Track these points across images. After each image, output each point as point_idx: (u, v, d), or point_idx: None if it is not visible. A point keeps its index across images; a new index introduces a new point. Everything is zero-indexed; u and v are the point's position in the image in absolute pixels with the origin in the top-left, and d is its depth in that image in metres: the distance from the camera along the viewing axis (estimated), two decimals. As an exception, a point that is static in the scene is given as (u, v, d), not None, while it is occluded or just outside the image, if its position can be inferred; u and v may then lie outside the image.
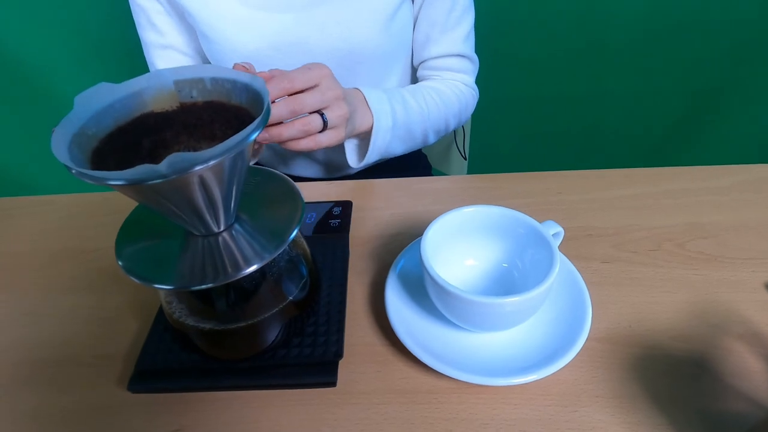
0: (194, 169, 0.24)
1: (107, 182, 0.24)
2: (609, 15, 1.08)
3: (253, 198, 0.34)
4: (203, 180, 0.26)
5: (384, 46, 0.65)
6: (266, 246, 0.31)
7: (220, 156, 0.24)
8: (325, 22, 0.62)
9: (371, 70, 0.67)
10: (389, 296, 0.41)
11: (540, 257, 0.38)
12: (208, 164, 0.24)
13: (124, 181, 0.24)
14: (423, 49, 0.69)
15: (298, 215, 0.33)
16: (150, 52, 0.68)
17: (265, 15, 0.61)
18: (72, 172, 0.24)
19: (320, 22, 0.62)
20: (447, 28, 0.67)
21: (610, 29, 1.10)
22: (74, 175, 0.25)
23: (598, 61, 1.16)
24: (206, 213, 0.29)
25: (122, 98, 0.29)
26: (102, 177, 0.24)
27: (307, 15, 0.61)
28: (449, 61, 0.69)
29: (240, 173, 0.29)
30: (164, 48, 0.67)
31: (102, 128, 0.28)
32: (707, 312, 0.41)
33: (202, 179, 0.26)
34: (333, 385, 0.37)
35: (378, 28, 0.63)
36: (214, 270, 0.30)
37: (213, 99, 0.30)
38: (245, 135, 0.25)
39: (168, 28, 0.66)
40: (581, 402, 0.35)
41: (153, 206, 0.28)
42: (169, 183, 0.24)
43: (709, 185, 0.54)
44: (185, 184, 0.26)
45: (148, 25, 0.66)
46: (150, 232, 0.33)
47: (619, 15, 1.07)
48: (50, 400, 0.38)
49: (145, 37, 0.67)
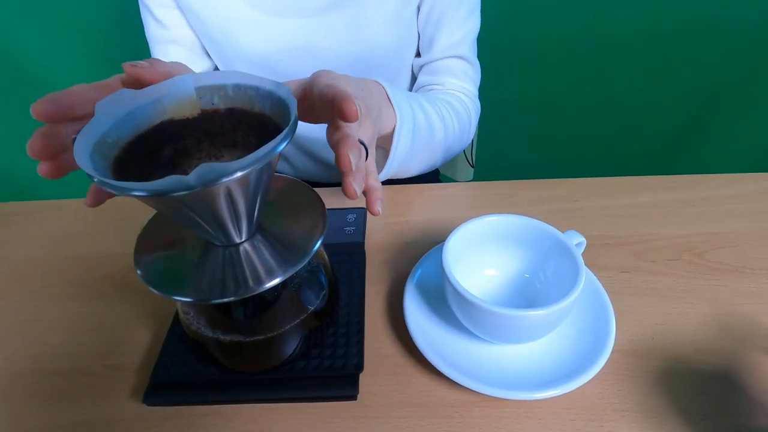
0: (222, 180, 0.23)
1: (132, 193, 0.23)
2: (617, 18, 1.08)
3: (273, 207, 0.34)
4: (230, 191, 0.25)
5: (394, 49, 0.65)
6: (288, 258, 0.30)
7: (249, 167, 0.24)
8: (335, 26, 0.61)
9: (380, 75, 0.66)
10: (408, 306, 0.40)
11: (564, 268, 0.37)
12: (237, 175, 0.23)
13: (150, 192, 0.23)
14: (425, 52, 0.68)
15: (321, 227, 0.32)
16: (154, 48, 0.67)
17: (276, 19, 0.61)
18: (94, 180, 0.24)
19: (330, 27, 0.61)
20: (450, 29, 0.65)
21: (618, 32, 1.10)
22: (97, 184, 0.24)
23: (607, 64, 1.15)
24: (229, 224, 0.28)
25: (142, 105, 0.28)
26: (127, 188, 0.23)
27: (318, 20, 0.61)
28: (450, 62, 0.67)
29: (265, 184, 0.28)
30: (168, 43, 0.65)
31: (123, 136, 0.27)
32: (731, 324, 0.40)
33: (228, 190, 0.25)
34: (354, 398, 0.36)
35: (388, 33, 0.62)
36: (235, 283, 0.29)
37: (235, 106, 0.30)
38: (274, 145, 0.24)
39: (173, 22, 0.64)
40: (607, 416, 0.35)
41: (175, 216, 0.27)
42: (195, 194, 0.24)
43: (728, 193, 0.53)
44: (212, 195, 0.25)
45: (152, 21, 0.64)
46: (168, 241, 0.33)
47: (630, 17, 1.07)
48: (58, 412, 0.37)
49: (150, 33, 0.66)
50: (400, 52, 0.67)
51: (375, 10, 0.60)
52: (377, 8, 0.60)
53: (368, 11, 0.60)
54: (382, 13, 0.61)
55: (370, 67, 0.65)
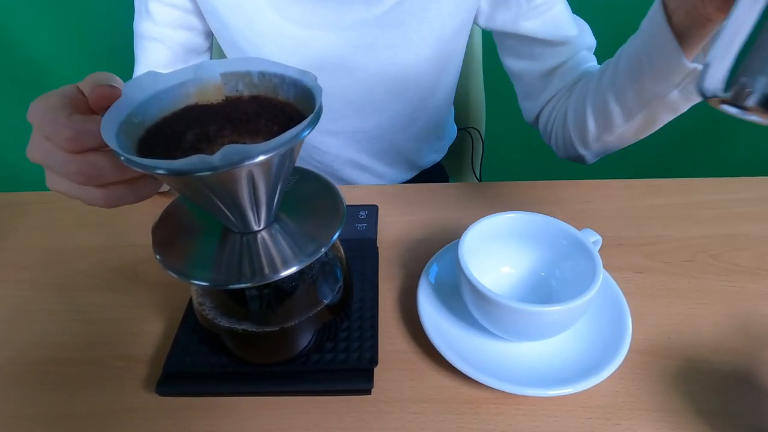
0: (246, 162, 0.23)
1: (157, 171, 0.23)
2: (629, 18, 1.08)
3: (292, 197, 0.34)
4: (252, 175, 0.25)
5: (432, 69, 0.62)
6: (305, 248, 0.30)
7: (274, 151, 0.24)
8: (373, 44, 0.58)
9: (417, 92, 0.64)
10: (422, 302, 0.40)
11: (581, 266, 0.37)
12: (261, 158, 0.23)
13: (174, 171, 0.23)
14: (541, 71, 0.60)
15: (339, 218, 0.32)
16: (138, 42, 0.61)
17: (310, 33, 0.57)
18: (121, 159, 0.24)
19: (368, 44, 0.58)
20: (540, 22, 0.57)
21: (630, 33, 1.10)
22: (123, 162, 0.24)
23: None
24: (249, 210, 0.28)
25: (168, 88, 0.28)
26: (152, 165, 0.23)
27: (356, 35, 0.57)
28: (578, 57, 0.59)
29: (287, 171, 0.28)
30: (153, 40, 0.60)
31: (148, 118, 0.28)
32: (747, 325, 0.40)
33: (251, 174, 0.25)
34: (368, 392, 0.36)
35: (428, 52, 0.60)
36: (252, 270, 0.29)
37: (260, 93, 0.30)
38: (298, 131, 0.24)
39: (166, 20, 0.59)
40: (624, 415, 0.34)
41: (196, 199, 0.27)
42: (218, 176, 0.24)
43: (743, 196, 0.53)
44: (234, 178, 0.25)
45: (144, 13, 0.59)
46: (186, 227, 0.32)
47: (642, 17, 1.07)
48: (70, 401, 0.37)
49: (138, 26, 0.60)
50: (438, 72, 0.64)
51: (415, 29, 0.57)
52: (418, 27, 0.57)
53: (408, 29, 0.57)
54: (423, 32, 0.58)
55: (405, 86, 0.62)
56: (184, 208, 0.34)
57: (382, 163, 0.72)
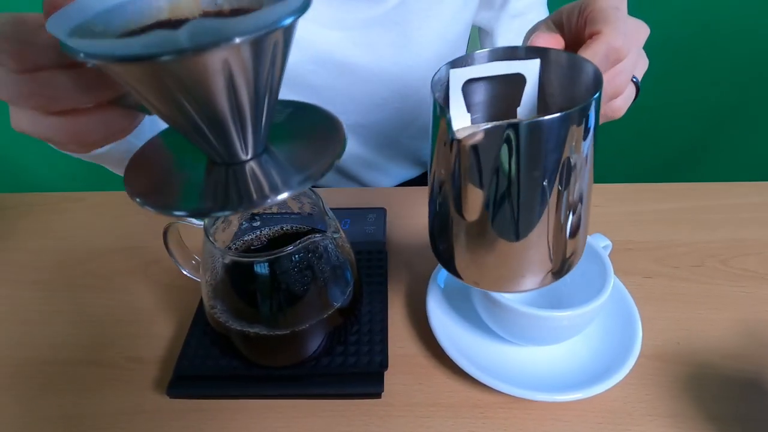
0: (222, 44, 0.19)
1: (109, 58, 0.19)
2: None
3: (285, 129, 0.29)
4: (230, 70, 0.21)
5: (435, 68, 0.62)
6: (302, 172, 0.26)
7: (254, 33, 0.19)
8: (376, 43, 0.58)
9: (419, 92, 0.64)
10: (431, 306, 0.40)
11: (591, 271, 0.37)
12: (238, 41, 0.19)
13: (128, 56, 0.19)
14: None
15: (338, 147, 0.27)
16: None
17: (313, 30, 0.57)
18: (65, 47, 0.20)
19: (371, 43, 0.58)
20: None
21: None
22: (68, 53, 0.20)
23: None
24: (232, 127, 0.24)
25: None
26: (102, 51, 0.19)
27: (360, 34, 0.57)
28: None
29: (274, 79, 0.24)
30: None
31: (111, 29, 0.23)
32: (757, 331, 0.40)
33: (228, 68, 0.21)
34: (378, 396, 0.36)
35: (431, 53, 0.60)
36: (238, 196, 0.25)
37: (242, 6, 0.25)
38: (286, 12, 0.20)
39: None
40: (634, 420, 0.34)
41: (168, 114, 0.23)
42: (187, 67, 0.19)
43: (753, 201, 0.53)
44: (207, 70, 0.20)
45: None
46: (165, 165, 0.29)
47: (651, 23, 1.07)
48: (80, 402, 0.37)
49: None
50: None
51: (419, 29, 0.58)
52: (422, 26, 0.58)
53: (412, 29, 0.58)
54: (427, 32, 0.58)
55: (407, 86, 0.62)
56: (161, 145, 0.30)
57: (386, 159, 0.73)
